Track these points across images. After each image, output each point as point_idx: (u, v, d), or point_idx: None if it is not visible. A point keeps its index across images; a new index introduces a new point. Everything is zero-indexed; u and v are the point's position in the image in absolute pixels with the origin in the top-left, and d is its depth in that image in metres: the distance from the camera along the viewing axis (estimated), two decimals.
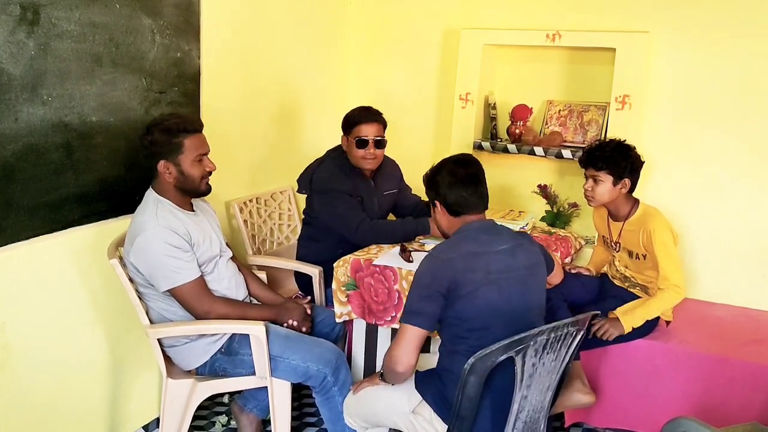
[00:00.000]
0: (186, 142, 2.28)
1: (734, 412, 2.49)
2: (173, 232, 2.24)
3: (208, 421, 2.88)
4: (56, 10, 2.18)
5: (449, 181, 2.11)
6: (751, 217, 3.18)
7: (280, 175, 3.52)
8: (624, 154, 2.56)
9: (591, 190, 2.60)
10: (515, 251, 2.05)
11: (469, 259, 1.99)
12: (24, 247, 2.20)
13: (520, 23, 3.53)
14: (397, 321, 2.51)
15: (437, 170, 2.16)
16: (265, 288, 2.68)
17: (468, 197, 2.10)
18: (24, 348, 2.23)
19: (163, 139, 2.26)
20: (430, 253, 2.07)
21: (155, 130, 2.27)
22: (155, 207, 2.28)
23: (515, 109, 3.53)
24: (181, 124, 2.29)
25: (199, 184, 2.34)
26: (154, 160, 2.28)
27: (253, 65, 3.25)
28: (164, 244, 2.22)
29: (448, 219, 2.15)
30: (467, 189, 2.10)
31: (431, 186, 2.17)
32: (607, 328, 2.55)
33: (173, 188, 2.32)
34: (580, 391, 2.43)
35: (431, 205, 2.21)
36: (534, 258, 2.12)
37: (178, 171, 2.29)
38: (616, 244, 2.70)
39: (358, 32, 3.98)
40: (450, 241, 2.11)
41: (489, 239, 2.05)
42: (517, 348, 1.80)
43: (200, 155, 2.32)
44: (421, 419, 2.07)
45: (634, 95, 3.19)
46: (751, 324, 2.94)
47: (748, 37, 3.08)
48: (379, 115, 2.88)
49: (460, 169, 2.13)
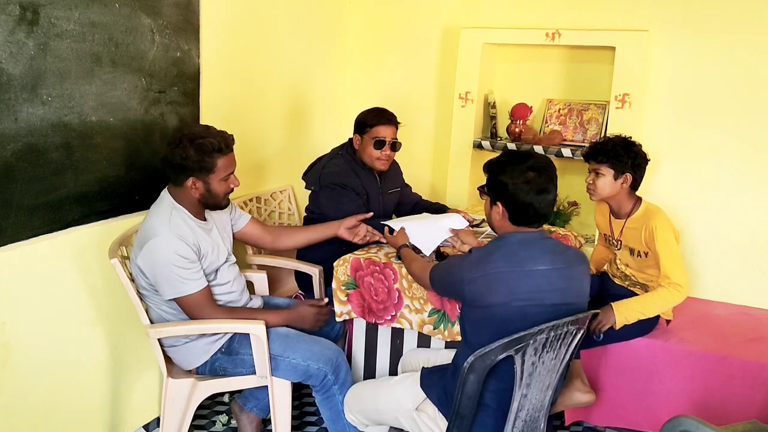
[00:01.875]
0: (219, 162, 2.26)
1: (734, 411, 2.49)
2: (184, 242, 2.23)
3: (209, 420, 2.88)
4: (56, 10, 2.18)
5: (524, 189, 1.93)
6: (750, 216, 3.18)
7: (280, 174, 3.53)
8: (627, 149, 2.56)
9: (592, 183, 2.61)
10: (549, 274, 1.94)
11: (494, 280, 1.91)
12: (24, 247, 2.20)
13: (520, 22, 3.53)
14: (397, 320, 2.51)
15: (507, 169, 1.97)
16: (301, 231, 2.78)
17: (535, 212, 1.95)
18: (24, 347, 2.24)
19: (196, 158, 2.23)
20: (468, 259, 1.99)
21: (190, 146, 2.22)
22: (170, 213, 2.27)
23: (515, 108, 3.54)
24: (217, 145, 2.25)
25: (222, 200, 2.35)
26: (182, 175, 2.26)
27: (253, 65, 3.25)
28: (173, 254, 2.20)
29: (503, 222, 2.02)
30: (540, 199, 1.94)
31: (496, 184, 1.99)
32: (599, 318, 2.54)
33: (196, 201, 2.31)
34: (579, 390, 2.43)
35: (484, 195, 2.09)
36: (574, 284, 2.00)
37: (206, 189, 2.28)
38: (617, 241, 2.70)
39: (358, 32, 3.98)
40: (486, 251, 1.99)
41: (526, 257, 1.94)
42: (516, 347, 1.80)
43: (229, 174, 2.32)
44: (425, 416, 2.07)
45: (634, 94, 3.19)
46: (751, 322, 2.95)
47: (747, 36, 3.09)
48: (395, 118, 2.94)
49: (539, 177, 1.94)
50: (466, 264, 1.98)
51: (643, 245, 2.59)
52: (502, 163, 2.01)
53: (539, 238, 2.00)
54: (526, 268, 1.93)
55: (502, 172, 1.98)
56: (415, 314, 2.47)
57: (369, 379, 2.59)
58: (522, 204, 1.95)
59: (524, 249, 1.96)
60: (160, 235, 2.21)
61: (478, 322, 1.96)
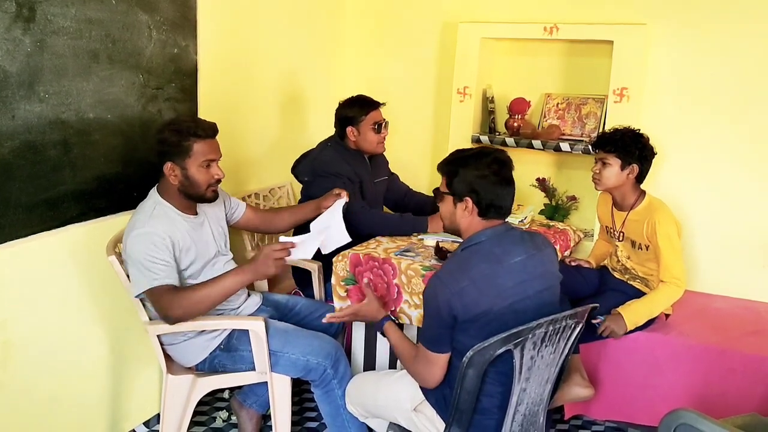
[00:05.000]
0: (195, 146, 2.24)
1: (734, 404, 2.50)
2: (158, 236, 2.19)
3: (209, 416, 2.88)
4: (52, 7, 2.18)
5: (492, 180, 1.93)
6: (749, 209, 3.18)
7: (278, 170, 3.52)
8: (635, 140, 2.57)
9: (598, 172, 2.61)
10: (526, 263, 1.95)
11: (481, 283, 1.88)
12: (22, 245, 2.20)
13: (518, 16, 3.52)
14: (396, 315, 2.51)
15: (470, 163, 1.96)
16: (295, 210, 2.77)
17: (505, 201, 1.97)
18: (24, 345, 2.24)
19: (173, 140, 2.23)
20: (438, 276, 1.92)
21: (167, 129, 2.25)
22: (152, 208, 2.26)
23: (513, 103, 3.53)
24: (193, 128, 2.24)
25: (205, 191, 2.30)
26: (161, 161, 2.25)
27: (250, 60, 3.24)
28: (141, 249, 2.16)
29: (471, 219, 1.98)
30: (506, 191, 1.95)
31: (460, 180, 1.96)
32: (609, 326, 2.54)
33: (177, 192, 2.29)
34: (579, 385, 2.44)
35: (444, 196, 2.03)
36: (549, 267, 2.03)
37: (184, 174, 2.26)
38: (619, 233, 2.70)
39: (356, 26, 3.97)
40: (460, 259, 1.96)
41: (502, 252, 1.93)
42: (515, 341, 1.80)
43: (208, 161, 2.27)
44: (423, 417, 2.07)
45: (632, 88, 3.18)
46: (751, 315, 2.95)
47: (746, 29, 3.08)
48: (378, 101, 3.03)
49: (503, 169, 1.95)
50: (445, 281, 1.90)
51: (644, 238, 2.59)
52: (462, 158, 2.00)
53: (506, 231, 1.99)
54: (505, 263, 1.93)
55: (466, 167, 1.96)
56: (414, 309, 2.47)
57: (371, 371, 2.60)
58: (492, 195, 1.94)
59: (497, 245, 1.95)
60: (137, 228, 2.20)
61: (477, 333, 1.89)
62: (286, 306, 2.68)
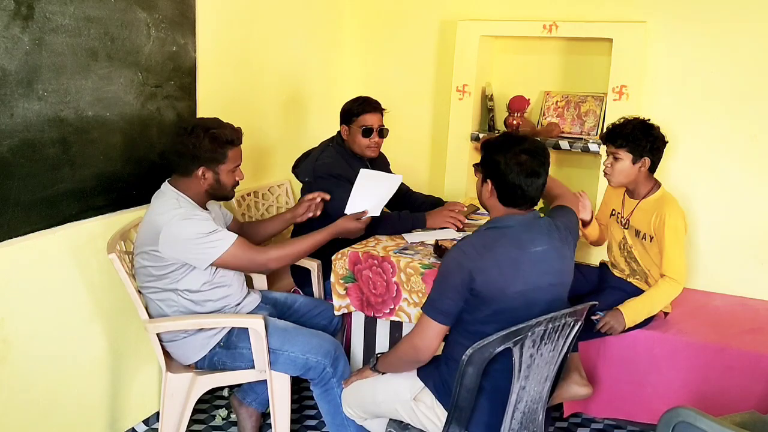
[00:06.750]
0: (230, 153, 2.31)
1: (732, 401, 2.50)
2: (199, 215, 2.26)
3: (208, 414, 2.88)
4: (50, 5, 2.17)
5: (515, 171, 1.93)
6: (748, 207, 3.18)
7: (277, 168, 3.52)
8: (646, 132, 2.53)
9: (610, 167, 2.58)
10: (548, 253, 1.97)
11: (505, 267, 1.90)
12: (22, 243, 2.20)
13: (517, 14, 3.52)
14: (396, 313, 2.51)
15: (502, 149, 1.97)
16: (272, 220, 2.76)
17: (523, 194, 1.95)
18: (24, 343, 2.24)
19: (210, 147, 2.26)
20: (461, 248, 1.94)
21: (204, 136, 2.25)
22: (176, 201, 2.27)
23: (512, 101, 3.53)
24: (230, 136, 2.30)
25: (230, 192, 2.39)
26: (193, 164, 2.27)
27: (249, 58, 3.24)
28: (192, 230, 2.22)
29: (494, 202, 2.01)
30: (527, 183, 1.94)
31: (489, 161, 1.99)
32: (608, 322, 2.54)
33: (202, 192, 2.33)
34: (577, 384, 2.43)
35: (477, 171, 2.07)
36: (567, 263, 2.04)
37: (215, 179, 2.31)
38: (626, 221, 2.69)
39: (355, 25, 3.97)
40: (485, 237, 1.97)
41: (528, 239, 1.95)
42: (514, 339, 1.81)
43: (237, 166, 2.35)
44: (423, 406, 2.08)
45: (632, 85, 3.18)
46: (749, 313, 2.95)
47: (746, 26, 3.08)
48: (380, 105, 3.00)
49: (531, 160, 1.94)
50: (469, 254, 1.91)
51: (650, 229, 2.57)
52: (498, 142, 2.01)
53: (533, 219, 2.02)
54: (530, 250, 1.95)
55: (497, 152, 1.98)
56: (413, 307, 2.48)
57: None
58: (511, 185, 1.95)
59: (525, 231, 1.97)
60: (175, 217, 2.21)
61: (487, 317, 1.91)
62: (285, 304, 2.69)
